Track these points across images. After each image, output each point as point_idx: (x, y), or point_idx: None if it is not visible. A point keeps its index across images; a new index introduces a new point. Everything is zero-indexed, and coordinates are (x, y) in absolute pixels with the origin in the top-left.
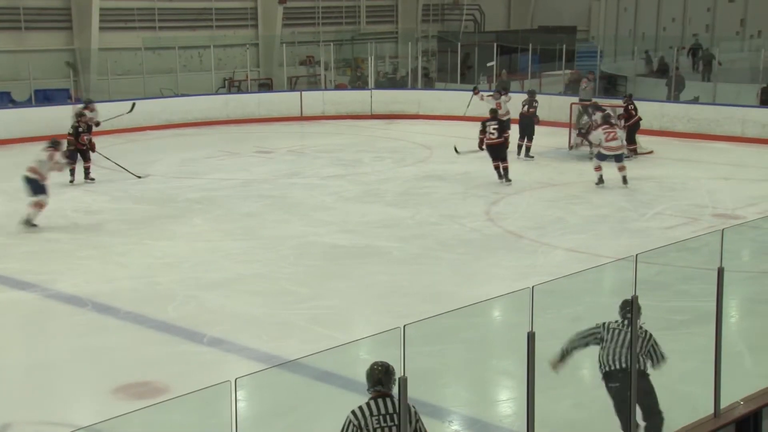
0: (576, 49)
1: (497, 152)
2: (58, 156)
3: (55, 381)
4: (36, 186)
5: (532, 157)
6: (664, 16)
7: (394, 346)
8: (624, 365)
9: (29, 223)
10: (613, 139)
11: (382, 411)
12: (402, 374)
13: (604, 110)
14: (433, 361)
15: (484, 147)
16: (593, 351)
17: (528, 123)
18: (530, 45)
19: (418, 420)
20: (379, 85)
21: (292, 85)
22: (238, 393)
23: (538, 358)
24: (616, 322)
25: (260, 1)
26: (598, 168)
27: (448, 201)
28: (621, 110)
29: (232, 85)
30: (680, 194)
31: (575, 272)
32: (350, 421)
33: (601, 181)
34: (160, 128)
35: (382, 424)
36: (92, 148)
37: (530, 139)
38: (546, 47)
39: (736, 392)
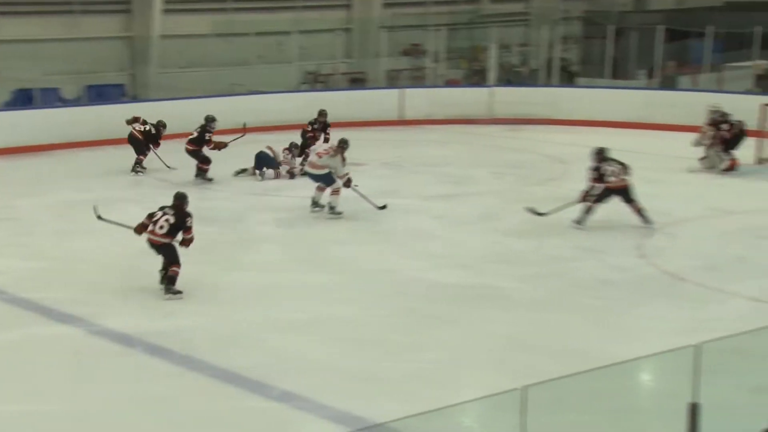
0: None
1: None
2: None
3: None
4: None
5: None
6: None
7: (511, 412)
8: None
9: None
10: None
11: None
12: None
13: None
14: None
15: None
16: None
17: None
18: (710, 27)
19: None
20: (502, 82)
21: (392, 80)
22: None
23: None
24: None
25: None
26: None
27: (587, 231)
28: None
29: (317, 81)
30: None
31: (760, 328)
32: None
33: None
34: (229, 132)
35: None
36: None
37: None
38: (733, 30)
39: None
